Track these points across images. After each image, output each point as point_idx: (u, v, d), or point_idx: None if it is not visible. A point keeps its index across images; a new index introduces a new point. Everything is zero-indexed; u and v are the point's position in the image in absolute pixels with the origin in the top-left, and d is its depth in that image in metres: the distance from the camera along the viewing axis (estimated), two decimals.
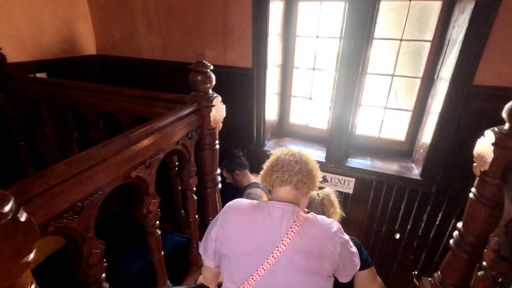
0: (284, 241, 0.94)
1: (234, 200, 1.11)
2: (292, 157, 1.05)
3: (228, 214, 1.05)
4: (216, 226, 1.06)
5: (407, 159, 2.35)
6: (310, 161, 1.08)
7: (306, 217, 1.00)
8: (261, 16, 2.03)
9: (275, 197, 1.06)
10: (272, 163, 1.08)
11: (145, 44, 2.51)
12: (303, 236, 0.96)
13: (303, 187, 1.03)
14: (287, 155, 1.07)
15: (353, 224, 2.46)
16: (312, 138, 2.66)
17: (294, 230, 0.95)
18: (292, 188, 1.03)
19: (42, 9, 2.23)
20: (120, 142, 0.96)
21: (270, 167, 1.07)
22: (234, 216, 1.03)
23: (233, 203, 1.10)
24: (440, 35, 1.99)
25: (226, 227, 1.02)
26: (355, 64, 2.02)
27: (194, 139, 1.40)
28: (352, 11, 1.89)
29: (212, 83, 1.43)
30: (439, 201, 2.10)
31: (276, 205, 1.01)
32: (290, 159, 1.04)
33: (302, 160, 1.05)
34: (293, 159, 1.04)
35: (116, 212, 2.07)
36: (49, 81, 1.96)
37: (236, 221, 1.02)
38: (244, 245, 0.98)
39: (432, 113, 2.02)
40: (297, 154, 1.07)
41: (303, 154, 1.09)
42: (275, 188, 1.07)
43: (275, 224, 0.98)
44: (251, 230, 0.99)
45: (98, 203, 0.88)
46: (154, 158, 1.11)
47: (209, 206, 1.70)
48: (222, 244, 1.02)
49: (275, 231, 0.97)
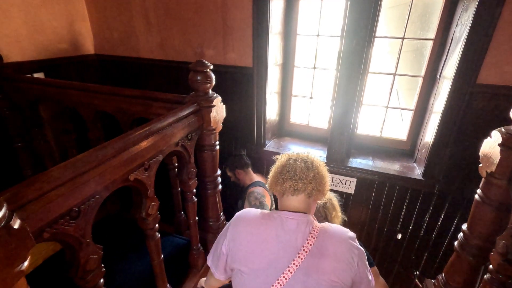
0: (301, 254, 0.90)
1: (243, 211, 1.07)
2: (304, 163, 0.99)
3: (237, 227, 1.00)
4: (226, 240, 1.00)
5: (409, 159, 2.32)
6: (321, 166, 1.02)
7: (322, 228, 0.96)
8: (261, 14, 2.01)
9: (287, 207, 1.00)
10: (282, 170, 1.01)
11: (143, 44, 2.48)
12: (320, 248, 0.91)
13: (317, 195, 0.99)
14: (297, 160, 1.00)
15: (355, 224, 2.44)
16: (312, 138, 2.64)
17: (311, 243, 0.91)
18: (305, 197, 0.98)
19: (40, 9, 2.20)
20: (117, 144, 0.94)
21: (280, 174, 1.00)
22: (244, 228, 0.98)
23: (242, 214, 1.04)
24: (443, 33, 1.96)
25: (236, 240, 0.98)
26: (356, 63, 1.99)
27: (194, 140, 1.38)
28: (353, 9, 1.86)
29: (212, 83, 1.41)
30: (442, 202, 2.08)
31: (289, 216, 0.96)
32: (302, 166, 0.98)
33: (314, 166, 0.99)
34: (305, 166, 0.98)
35: (116, 214, 2.05)
36: (46, 81, 1.93)
37: (247, 234, 0.97)
38: (257, 260, 0.93)
39: (435, 112, 2.00)
40: (308, 160, 1.00)
41: (314, 159, 1.03)
42: (287, 197, 1.00)
43: (290, 237, 0.93)
44: (264, 244, 0.94)
45: (95, 207, 0.86)
46: (153, 160, 1.08)
47: (210, 208, 1.67)
48: (233, 259, 0.97)
49: (290, 244, 0.92)
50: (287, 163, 1.01)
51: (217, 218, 1.73)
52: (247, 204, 2.14)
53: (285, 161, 1.03)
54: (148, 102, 1.52)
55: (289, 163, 1.01)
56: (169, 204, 1.86)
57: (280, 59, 2.40)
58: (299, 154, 1.06)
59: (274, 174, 1.04)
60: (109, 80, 2.79)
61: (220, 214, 1.77)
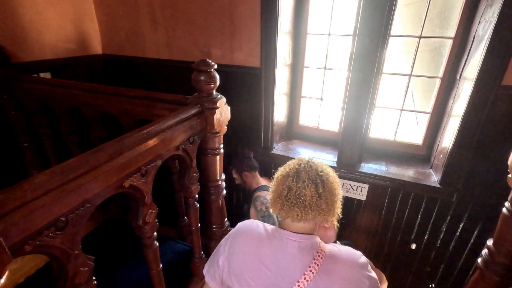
0: (301, 283, 0.80)
1: (245, 224, 0.98)
2: (315, 187, 0.83)
3: (236, 242, 0.92)
4: (224, 254, 0.93)
5: (425, 165, 2.20)
6: (335, 188, 0.87)
7: (329, 252, 0.85)
8: (270, 13, 1.93)
9: (289, 227, 0.90)
10: (288, 193, 0.85)
11: (150, 43, 2.44)
12: (324, 277, 0.80)
13: (325, 221, 0.88)
14: (306, 183, 0.83)
15: (366, 232, 2.33)
16: (322, 141, 2.54)
17: (313, 270, 0.80)
18: (312, 222, 0.88)
19: (47, 8, 2.19)
20: (112, 148, 0.88)
21: (285, 198, 0.85)
22: (243, 246, 0.91)
23: (244, 228, 0.95)
24: (464, 31, 1.84)
25: (233, 257, 0.90)
26: (370, 64, 1.89)
27: (196, 143, 1.31)
28: (367, 6, 1.76)
29: (216, 83, 1.34)
30: (460, 211, 1.94)
31: (291, 237, 0.86)
32: (312, 192, 0.82)
33: (327, 190, 0.84)
34: (315, 191, 0.82)
35: (118, 217, 2.01)
36: (51, 81, 1.91)
37: (245, 253, 0.89)
38: (253, 283, 0.85)
39: (454, 115, 1.87)
40: (318, 182, 0.83)
41: (325, 178, 0.85)
42: (291, 221, 0.89)
43: (289, 261, 0.83)
44: (261, 267, 0.85)
45: (85, 216, 0.80)
46: (150, 165, 1.02)
47: (213, 214, 1.60)
48: (228, 276, 0.91)
49: (289, 269, 0.83)
50: (294, 185, 0.84)
51: (221, 225, 1.66)
52: (253, 209, 2.06)
53: (292, 181, 0.85)
54: (150, 103, 1.46)
55: (297, 186, 0.84)
56: (172, 206, 1.81)
57: (290, 59, 2.31)
58: (308, 171, 0.86)
59: (278, 194, 0.88)
60: (116, 80, 2.77)
61: (224, 221, 1.70)
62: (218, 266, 0.95)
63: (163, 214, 2.00)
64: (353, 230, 2.38)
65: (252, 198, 2.10)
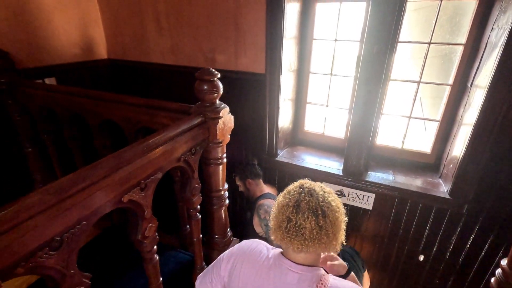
0: None
1: (249, 247, 0.95)
2: (315, 218, 0.79)
3: (237, 264, 0.91)
4: (221, 272, 0.93)
5: (434, 174, 2.14)
6: (337, 218, 0.82)
7: (330, 287, 0.82)
8: (275, 18, 1.90)
9: (291, 257, 0.87)
10: (287, 224, 0.82)
11: (155, 48, 2.43)
12: None
13: (329, 250, 0.85)
14: (307, 215, 0.80)
15: (372, 241, 2.28)
16: (328, 148, 2.49)
17: None
18: (314, 253, 0.86)
19: (53, 14, 2.19)
20: (110, 163, 0.85)
21: (285, 230, 0.82)
22: (242, 272, 0.89)
23: (247, 252, 0.93)
24: (475, 38, 1.78)
25: (232, 278, 0.89)
26: (377, 70, 1.84)
27: (199, 154, 1.28)
28: (375, 12, 1.72)
29: (219, 92, 1.31)
30: (471, 224, 1.88)
31: (291, 267, 0.84)
32: (312, 225, 0.79)
33: (328, 222, 0.80)
34: (316, 223, 0.79)
35: (121, 224, 1.99)
36: (53, 88, 1.91)
37: (244, 279, 0.87)
38: None
39: (465, 124, 1.81)
40: (319, 212, 0.79)
41: (328, 211, 0.81)
42: (292, 251, 0.86)
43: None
44: None
45: (81, 235, 0.77)
46: (150, 179, 0.99)
47: (215, 224, 1.57)
48: None
49: None
50: (294, 217, 0.81)
51: (223, 235, 1.63)
52: (256, 217, 2.03)
53: (291, 212, 0.82)
54: (153, 111, 1.44)
55: (297, 217, 0.80)
56: (175, 213, 1.78)
57: (295, 64, 2.28)
58: (309, 200, 0.82)
59: (278, 225, 0.85)
60: (121, 85, 2.77)
61: (227, 231, 1.67)
62: (219, 276, 0.94)
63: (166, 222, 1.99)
64: (358, 238, 2.33)
65: (256, 206, 2.07)
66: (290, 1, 1.92)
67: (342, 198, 2.21)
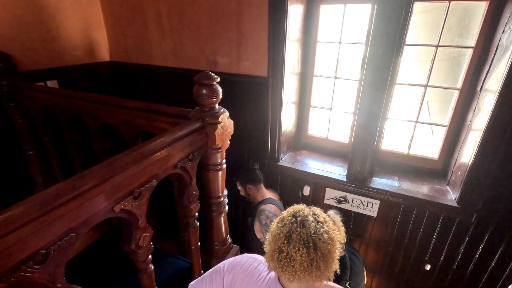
0: None
1: (250, 262, 0.96)
2: (306, 253, 0.78)
3: (237, 281, 0.92)
4: (226, 285, 0.94)
5: (441, 181, 2.07)
6: (329, 250, 0.81)
7: None
8: (278, 21, 1.86)
9: (285, 284, 0.89)
10: (279, 253, 0.82)
11: (157, 51, 2.42)
12: None
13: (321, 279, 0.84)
14: (298, 247, 0.79)
15: (377, 248, 2.21)
16: (332, 152, 2.44)
17: None
18: (306, 283, 0.85)
19: (55, 17, 2.19)
20: (101, 171, 0.82)
21: (277, 259, 0.82)
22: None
23: (247, 267, 0.94)
24: (485, 41, 1.71)
25: None
26: (382, 73, 1.79)
27: (197, 160, 1.25)
28: (381, 14, 1.67)
29: (218, 97, 1.27)
30: (480, 233, 1.81)
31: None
32: (303, 259, 0.78)
33: (319, 255, 0.79)
34: (307, 255, 0.78)
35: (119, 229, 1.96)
36: (54, 91, 1.89)
37: None
38: None
39: (474, 129, 1.75)
40: (311, 246, 0.78)
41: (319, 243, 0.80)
42: (284, 279, 0.87)
43: None
44: None
45: (69, 247, 0.74)
46: (145, 187, 0.96)
47: (215, 231, 1.54)
48: None
49: None
50: (286, 247, 0.80)
51: (223, 242, 1.59)
52: (257, 223, 1.99)
53: (283, 243, 0.81)
54: (151, 115, 1.41)
55: (288, 248, 0.80)
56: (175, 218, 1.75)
57: (298, 67, 2.24)
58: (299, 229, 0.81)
59: (270, 253, 0.85)
60: (124, 88, 2.76)
61: (226, 238, 1.63)
62: (221, 283, 0.95)
63: (166, 226, 1.96)
64: (362, 245, 2.26)
65: (257, 211, 2.02)
66: (293, 3, 1.88)
67: (345, 204, 2.16)
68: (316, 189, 2.24)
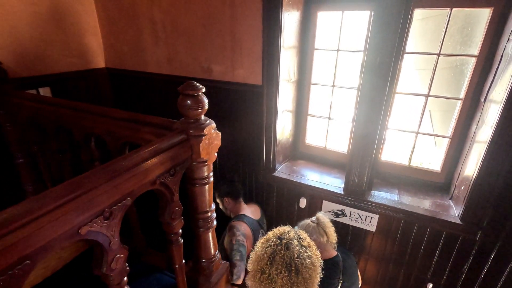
0: None
1: None
2: (287, 276, 0.81)
3: None
4: None
5: (444, 195, 1.97)
6: (310, 275, 0.84)
7: None
8: (272, 28, 1.80)
9: None
10: (261, 274, 0.86)
11: (151, 58, 2.38)
12: None
13: None
14: (280, 269, 0.83)
15: (376, 264, 2.11)
16: (330, 163, 2.36)
17: None
18: None
19: (49, 23, 2.16)
20: (65, 191, 0.76)
21: (259, 280, 0.86)
22: None
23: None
24: (490, 49, 1.64)
25: None
26: (380, 82, 1.71)
27: (179, 174, 1.18)
28: (377, 21, 1.60)
29: (204, 108, 1.21)
30: (485, 252, 1.71)
31: None
32: (283, 282, 0.81)
33: (300, 279, 0.82)
34: (287, 280, 0.81)
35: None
36: (39, 98, 1.85)
37: None
38: None
39: (478, 141, 1.66)
40: (293, 270, 0.81)
41: (301, 267, 0.83)
42: None
43: None
44: None
45: (22, 277, 0.67)
46: (117, 206, 0.89)
47: (202, 248, 1.46)
48: None
49: None
50: (268, 269, 0.84)
51: (210, 259, 1.51)
52: (226, 238, 1.89)
53: (266, 264, 0.85)
54: (136, 126, 1.35)
55: (270, 270, 0.83)
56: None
57: (295, 75, 2.17)
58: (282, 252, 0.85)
59: (253, 273, 0.89)
60: (119, 95, 2.72)
61: (215, 254, 1.55)
62: None
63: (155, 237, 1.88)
64: (361, 261, 2.16)
65: (228, 226, 1.94)
66: (288, 9, 1.82)
67: (343, 218, 2.07)
68: (312, 201, 2.16)
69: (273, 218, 2.37)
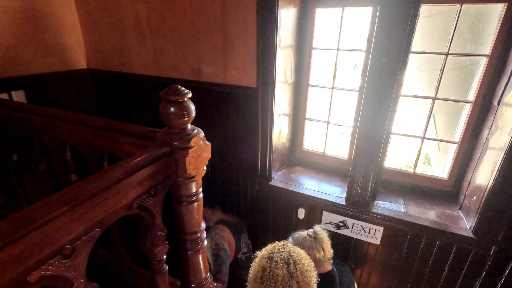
0: None
1: None
2: (286, 267, 0.92)
3: None
4: None
5: (452, 204, 1.85)
6: (306, 269, 0.94)
7: None
8: (267, 25, 1.65)
9: None
10: (262, 276, 0.95)
11: (136, 58, 2.20)
12: None
13: None
14: (279, 263, 0.93)
15: (380, 281, 1.97)
16: (330, 170, 2.21)
17: None
18: None
19: (22, 19, 1.97)
20: (9, 225, 0.59)
21: (260, 280, 0.95)
22: None
23: None
24: (503, 48, 1.51)
25: None
26: (387, 84, 1.58)
27: (162, 194, 1.01)
28: (385, 18, 1.46)
29: (190, 115, 1.04)
30: (499, 268, 1.58)
31: None
32: (284, 273, 0.90)
33: (298, 271, 0.92)
34: (287, 271, 0.91)
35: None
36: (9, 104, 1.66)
37: None
38: None
39: (492, 148, 1.53)
40: (291, 263, 0.93)
41: (297, 261, 0.95)
42: None
43: None
44: None
45: None
46: (81, 240, 0.72)
47: (191, 272, 1.29)
48: None
49: None
50: (268, 264, 0.95)
51: (201, 284, 1.34)
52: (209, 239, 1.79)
53: (266, 262, 0.97)
54: (114, 135, 1.18)
55: (270, 265, 0.95)
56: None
57: (292, 77, 2.02)
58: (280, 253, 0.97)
59: (254, 277, 0.98)
60: (102, 98, 2.53)
61: (206, 277, 1.38)
62: None
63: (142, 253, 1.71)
64: (364, 275, 2.02)
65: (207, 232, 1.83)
66: (285, 5, 1.67)
67: (345, 230, 1.92)
68: (311, 212, 2.01)
69: (269, 230, 2.21)
